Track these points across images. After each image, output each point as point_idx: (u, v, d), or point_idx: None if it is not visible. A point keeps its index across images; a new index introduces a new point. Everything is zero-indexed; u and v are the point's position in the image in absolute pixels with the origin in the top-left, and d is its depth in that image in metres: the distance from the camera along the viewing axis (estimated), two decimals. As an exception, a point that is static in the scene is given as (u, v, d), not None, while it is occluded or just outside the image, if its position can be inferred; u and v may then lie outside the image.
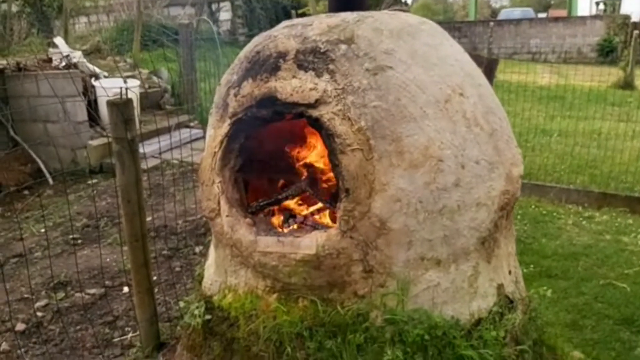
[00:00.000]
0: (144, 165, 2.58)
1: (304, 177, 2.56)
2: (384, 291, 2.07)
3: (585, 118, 6.45)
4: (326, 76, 2.01)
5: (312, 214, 2.54)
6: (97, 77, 6.73)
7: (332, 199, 2.45)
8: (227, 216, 2.20)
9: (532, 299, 2.53)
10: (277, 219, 2.41)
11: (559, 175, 6.06)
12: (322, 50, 2.04)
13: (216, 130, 2.27)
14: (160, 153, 5.34)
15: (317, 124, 1.99)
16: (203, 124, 7.57)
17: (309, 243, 2.05)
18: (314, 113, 1.98)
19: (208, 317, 2.42)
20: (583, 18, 19.78)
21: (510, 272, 2.47)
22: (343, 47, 2.03)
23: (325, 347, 2.09)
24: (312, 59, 2.04)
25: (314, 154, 2.62)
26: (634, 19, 17.73)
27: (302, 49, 2.07)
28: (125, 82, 6.73)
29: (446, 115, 2.06)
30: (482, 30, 18.96)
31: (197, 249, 3.83)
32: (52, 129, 5.98)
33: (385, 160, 1.97)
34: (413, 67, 2.04)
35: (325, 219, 2.49)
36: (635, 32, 12.29)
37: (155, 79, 8.22)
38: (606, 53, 17.74)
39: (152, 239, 3.73)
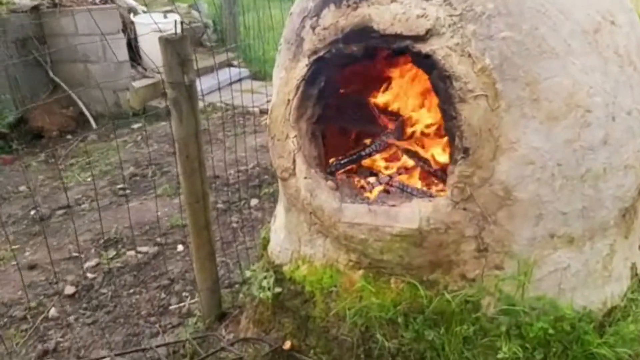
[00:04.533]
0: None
1: (389, 128, 2.13)
2: (500, 274, 1.67)
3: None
4: (439, -1, 1.52)
5: (398, 172, 2.13)
6: (135, 12, 6.29)
7: (418, 154, 2.03)
8: (305, 178, 1.81)
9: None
10: (360, 181, 2.01)
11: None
12: (433, -37, 1.54)
13: (289, 73, 1.84)
14: (206, 94, 4.96)
15: (428, 63, 1.53)
16: (247, 61, 7.12)
17: (410, 215, 1.65)
18: (424, 48, 1.51)
19: (278, 289, 2.10)
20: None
21: (640, 246, 2.03)
22: (462, -43, 1.52)
23: (424, 337, 1.73)
24: (420, -25, 1.55)
25: (401, 98, 2.18)
26: None
27: (406, -39, 1.57)
28: (165, 17, 6.28)
29: (596, 51, 1.56)
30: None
31: (253, 202, 3.51)
32: (93, 70, 5.64)
33: (515, 110, 1.51)
34: (555, -16, 1.52)
35: (414, 179, 2.08)
36: None
37: (195, 13, 7.69)
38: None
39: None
